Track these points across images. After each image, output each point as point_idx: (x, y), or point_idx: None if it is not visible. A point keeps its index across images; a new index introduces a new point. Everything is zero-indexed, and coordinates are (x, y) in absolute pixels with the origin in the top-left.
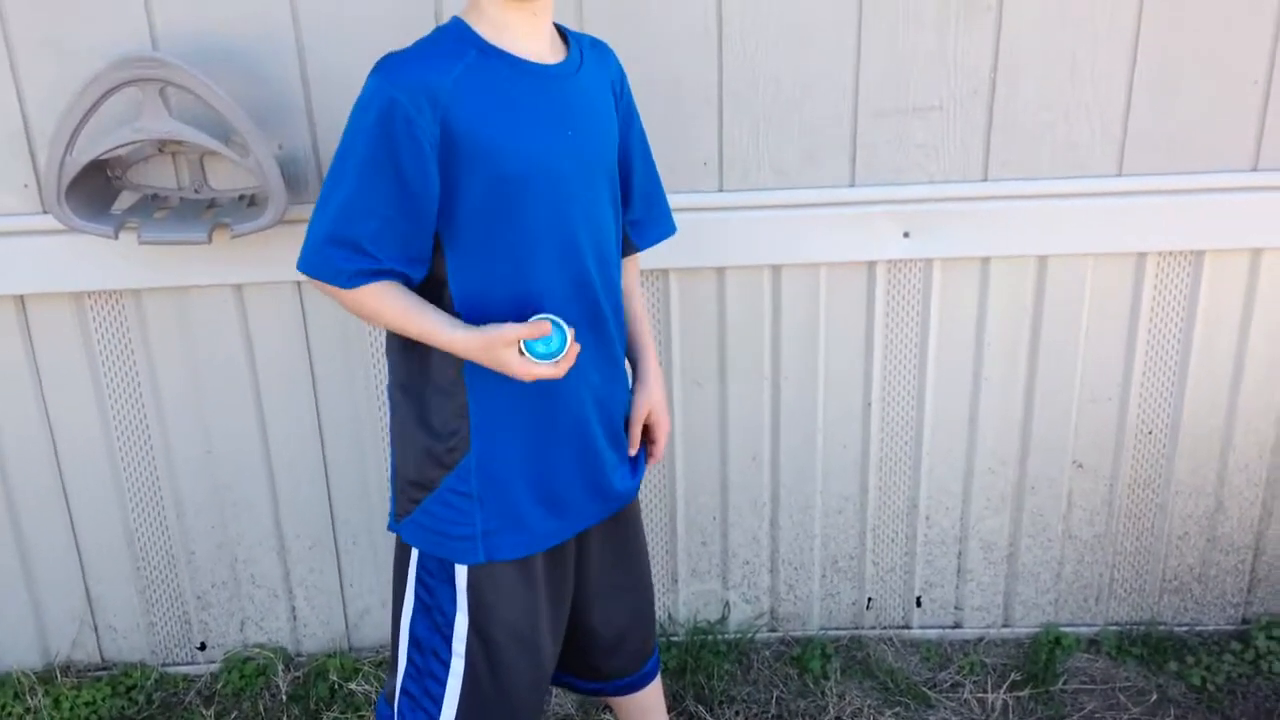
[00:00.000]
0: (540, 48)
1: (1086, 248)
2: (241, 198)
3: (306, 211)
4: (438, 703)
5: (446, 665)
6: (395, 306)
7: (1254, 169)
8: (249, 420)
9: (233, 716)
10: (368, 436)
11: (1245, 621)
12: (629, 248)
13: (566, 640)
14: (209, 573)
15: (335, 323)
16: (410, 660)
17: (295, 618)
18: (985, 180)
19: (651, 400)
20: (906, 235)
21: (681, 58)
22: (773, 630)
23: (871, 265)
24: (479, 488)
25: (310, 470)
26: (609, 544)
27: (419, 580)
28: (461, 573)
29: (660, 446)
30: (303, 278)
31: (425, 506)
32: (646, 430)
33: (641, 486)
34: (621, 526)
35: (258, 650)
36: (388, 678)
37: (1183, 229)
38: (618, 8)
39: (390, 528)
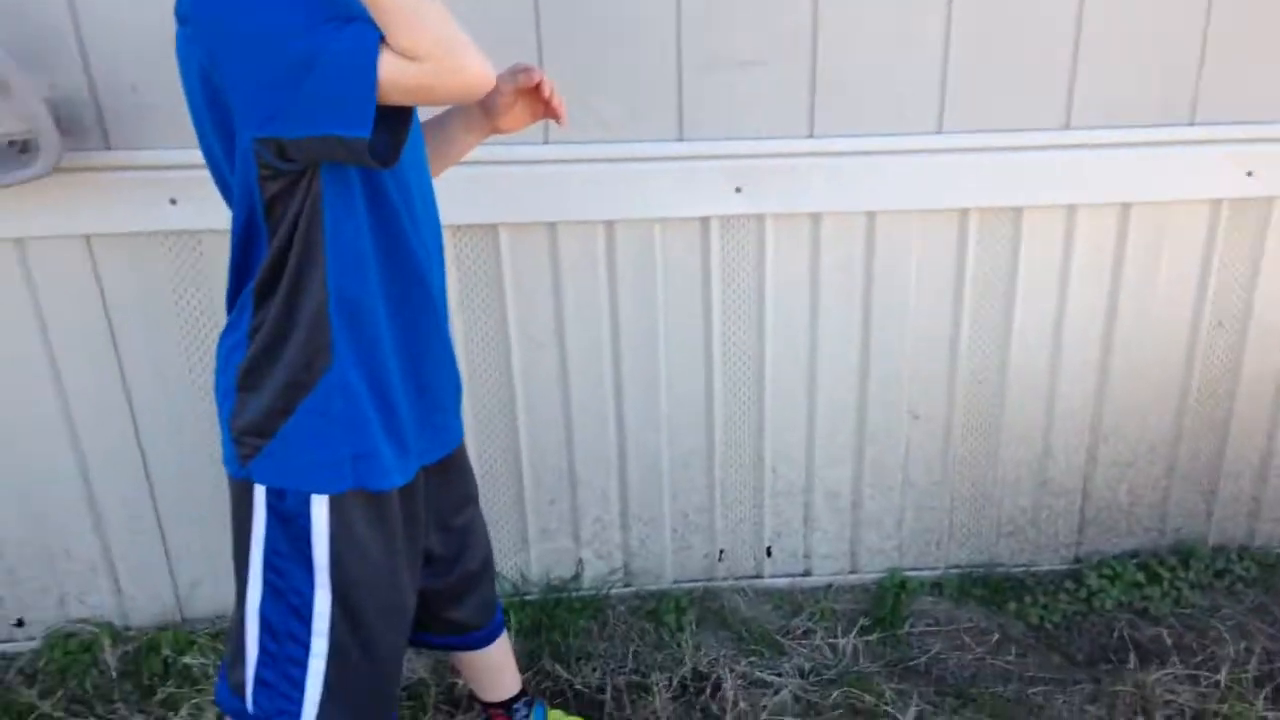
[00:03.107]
0: None
1: (912, 204)
2: (11, 144)
3: (85, 159)
4: (299, 686)
5: (306, 646)
6: None
7: (1066, 128)
8: (44, 384)
9: (59, 695)
10: (180, 394)
11: (1077, 560)
12: None
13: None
14: (15, 546)
15: (133, 273)
16: (263, 648)
17: (120, 591)
18: (811, 136)
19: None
20: (738, 190)
21: None
22: (627, 585)
23: (705, 221)
24: (342, 406)
25: (119, 435)
26: (451, 482)
27: (267, 564)
28: (320, 524)
29: (551, 92)
30: (95, 230)
31: (282, 434)
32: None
33: (486, 447)
34: (460, 462)
35: (82, 625)
36: (227, 664)
37: (1001, 186)
38: None
39: (234, 475)
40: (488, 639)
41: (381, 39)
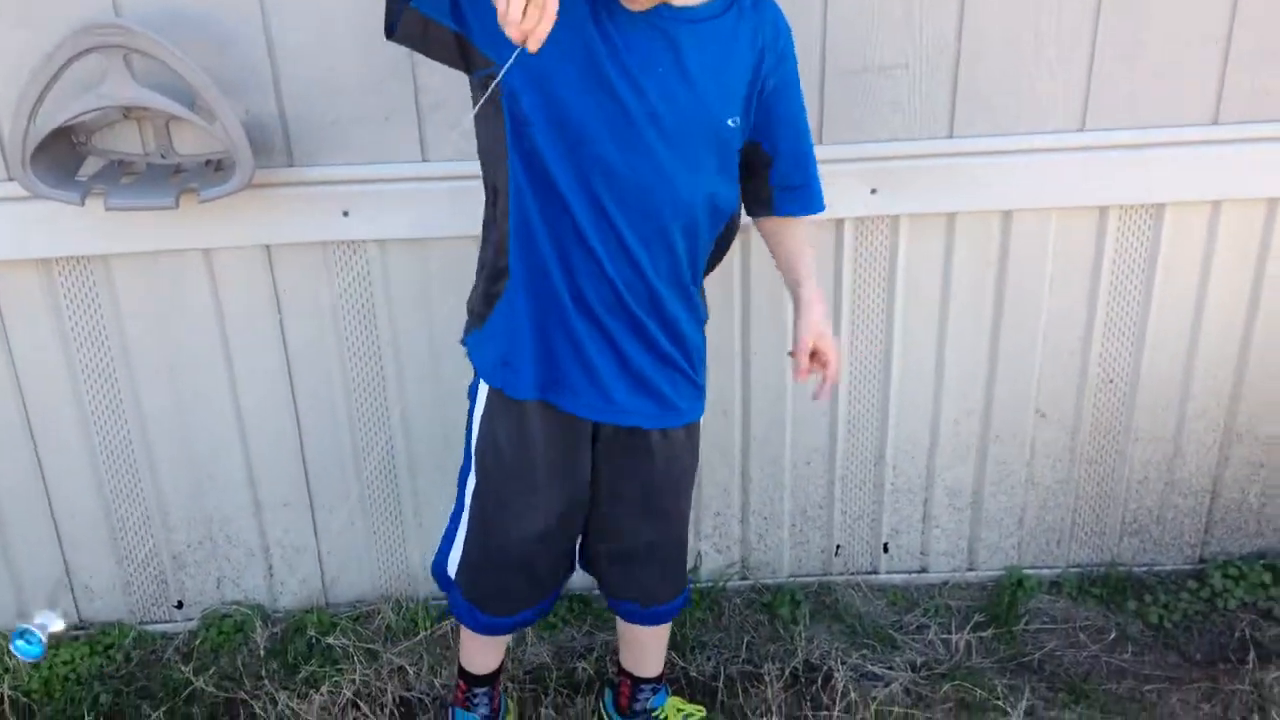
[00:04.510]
0: None
1: (1050, 202)
2: (208, 162)
3: (273, 175)
4: (451, 538)
5: (464, 506)
6: None
7: (1214, 123)
8: (220, 383)
9: (211, 671)
10: (339, 397)
11: (1202, 561)
12: (768, 209)
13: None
14: (184, 533)
15: (305, 284)
16: (456, 506)
17: (272, 575)
18: (950, 137)
19: (812, 326)
20: (873, 192)
21: None
22: (744, 578)
23: (839, 222)
24: (507, 318)
25: (283, 432)
26: (623, 458)
27: (467, 433)
28: (480, 403)
29: (832, 371)
30: (274, 240)
31: (476, 331)
32: (815, 356)
33: None
34: (640, 450)
35: (235, 607)
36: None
37: (1144, 183)
38: None
39: (462, 341)
40: (643, 620)
41: None
